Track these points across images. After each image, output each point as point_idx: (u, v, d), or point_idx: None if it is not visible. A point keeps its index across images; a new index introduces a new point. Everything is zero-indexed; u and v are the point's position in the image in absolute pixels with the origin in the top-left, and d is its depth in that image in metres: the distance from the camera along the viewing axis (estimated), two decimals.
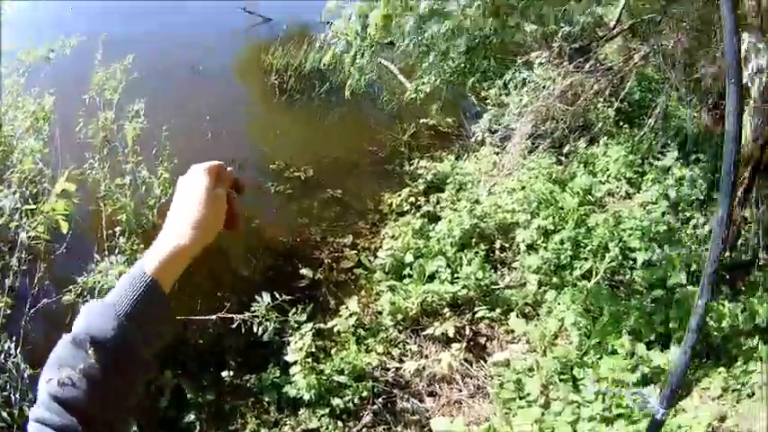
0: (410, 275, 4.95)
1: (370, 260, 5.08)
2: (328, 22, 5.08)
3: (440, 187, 6.08)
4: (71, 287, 4.00)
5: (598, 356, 4.75)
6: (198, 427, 4.13)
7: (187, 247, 1.01)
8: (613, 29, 7.38)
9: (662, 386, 4.63)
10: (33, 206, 4.03)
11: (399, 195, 5.85)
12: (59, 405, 0.89)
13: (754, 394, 4.50)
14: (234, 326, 4.19)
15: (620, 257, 5.44)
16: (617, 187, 6.30)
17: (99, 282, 3.95)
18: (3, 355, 3.51)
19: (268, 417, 4.30)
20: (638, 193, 6.34)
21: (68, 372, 0.90)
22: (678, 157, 6.54)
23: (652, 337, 4.88)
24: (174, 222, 1.03)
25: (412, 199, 5.82)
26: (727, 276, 5.70)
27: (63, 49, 5.39)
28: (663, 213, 5.88)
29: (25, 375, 3.45)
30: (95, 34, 5.66)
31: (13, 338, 3.59)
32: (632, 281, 5.41)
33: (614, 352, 4.75)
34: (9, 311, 3.76)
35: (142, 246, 4.33)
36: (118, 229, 4.50)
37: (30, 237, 3.99)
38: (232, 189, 1.11)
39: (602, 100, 6.76)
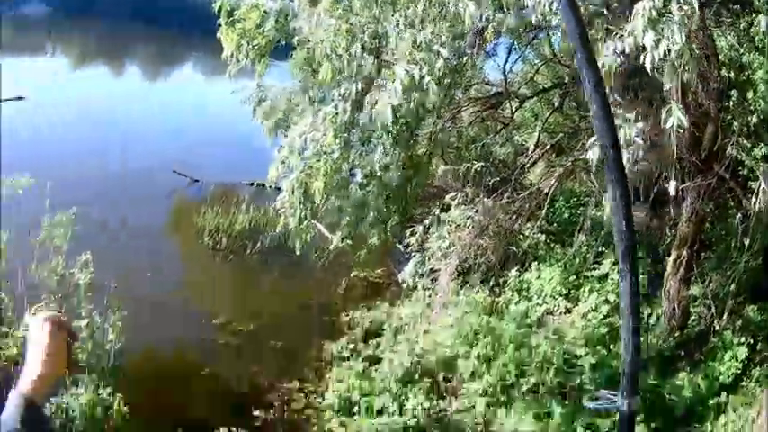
0: (359, 412, 5.26)
1: (318, 402, 5.42)
2: (277, 188, 5.71)
3: (377, 332, 6.56)
4: None
5: None
6: None
7: (43, 376, 1.40)
8: (533, 153, 8.10)
9: None
10: None
11: (338, 343, 6.32)
12: None
13: None
14: None
15: (565, 367, 5.77)
16: (555, 306, 6.71)
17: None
18: None
19: None
20: (577, 305, 6.72)
21: None
22: (615, 261, 6.95)
23: None
24: (33, 358, 1.43)
25: (351, 346, 6.29)
26: (682, 353, 6.04)
27: (15, 189, 5.81)
28: (604, 317, 6.22)
29: None
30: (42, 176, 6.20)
31: None
32: (581, 384, 5.65)
33: None
34: None
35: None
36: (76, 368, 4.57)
37: None
38: (69, 336, 1.52)
39: (529, 226, 7.31)
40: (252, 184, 10.34)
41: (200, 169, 10.70)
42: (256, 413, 5.13)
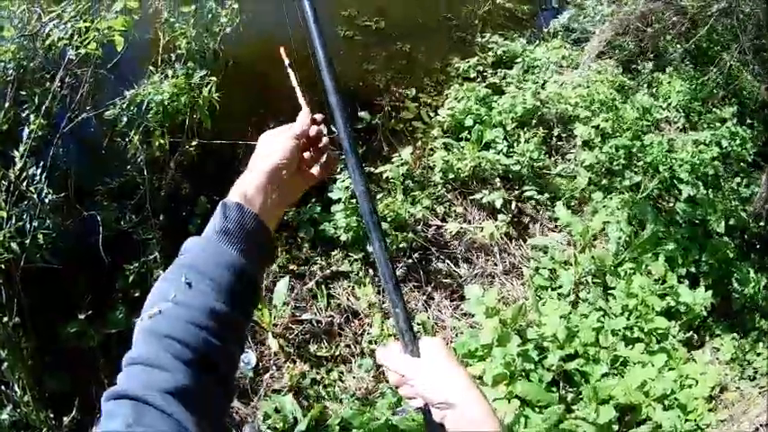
0: (467, 139, 5.06)
1: (430, 116, 5.19)
2: None
3: (508, 64, 6.14)
4: (116, 100, 3.79)
5: (632, 272, 4.91)
6: None
7: (267, 184, 1.10)
8: None
9: (682, 326, 4.87)
10: (87, 24, 3.71)
11: (468, 62, 5.89)
12: (148, 336, 0.89)
13: (755, 378, 4.79)
14: None
15: (667, 183, 5.64)
16: (675, 117, 6.48)
17: (150, 94, 3.77)
18: (26, 182, 3.30)
19: (299, 253, 4.37)
20: (693, 132, 6.49)
21: (159, 306, 0.91)
22: (735, 113, 6.70)
23: (683, 272, 5.08)
24: (253, 161, 1.14)
25: (480, 68, 5.87)
26: (758, 245, 5.96)
27: None
28: (713, 158, 6.02)
29: (46, 201, 3.34)
30: None
31: (41, 164, 3.39)
32: (674, 211, 5.58)
33: (648, 273, 4.92)
34: (40, 133, 3.48)
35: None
36: (174, 55, 4.24)
37: (78, 54, 3.71)
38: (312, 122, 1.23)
39: (673, 33, 6.93)
40: None
41: None
42: (362, 114, 4.86)
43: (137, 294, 3.74)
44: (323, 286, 4.35)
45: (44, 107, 3.55)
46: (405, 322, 1.17)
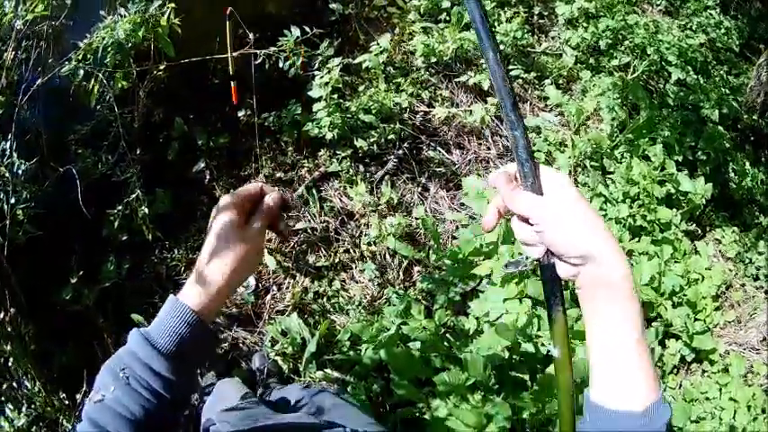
0: (446, 21, 4.88)
1: (404, 0, 5.01)
2: None
3: None
4: (71, 54, 3.50)
5: (629, 155, 4.79)
6: (208, 176, 4.04)
7: (223, 288, 1.14)
8: None
9: (683, 215, 4.75)
10: None
11: None
12: (89, 422, 1.04)
13: (758, 279, 4.78)
14: (257, 62, 4.04)
15: (657, 65, 5.51)
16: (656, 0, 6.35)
17: (105, 39, 3.44)
18: None
19: (285, 158, 4.20)
20: (677, 16, 6.38)
21: (102, 393, 1.05)
22: (717, 3, 6.59)
23: (680, 159, 4.97)
24: (209, 260, 1.14)
25: None
26: (752, 138, 5.90)
27: None
28: (700, 44, 5.91)
29: (19, 172, 3.19)
30: None
31: (9, 136, 3.25)
32: (665, 93, 5.47)
33: (646, 158, 4.80)
34: (2, 111, 3.34)
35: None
36: None
37: (26, 22, 3.47)
38: (279, 210, 1.23)
39: None
40: None
41: None
42: (333, 6, 4.57)
43: (124, 238, 3.63)
44: (313, 190, 4.19)
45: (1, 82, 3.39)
46: (524, 150, 0.98)
